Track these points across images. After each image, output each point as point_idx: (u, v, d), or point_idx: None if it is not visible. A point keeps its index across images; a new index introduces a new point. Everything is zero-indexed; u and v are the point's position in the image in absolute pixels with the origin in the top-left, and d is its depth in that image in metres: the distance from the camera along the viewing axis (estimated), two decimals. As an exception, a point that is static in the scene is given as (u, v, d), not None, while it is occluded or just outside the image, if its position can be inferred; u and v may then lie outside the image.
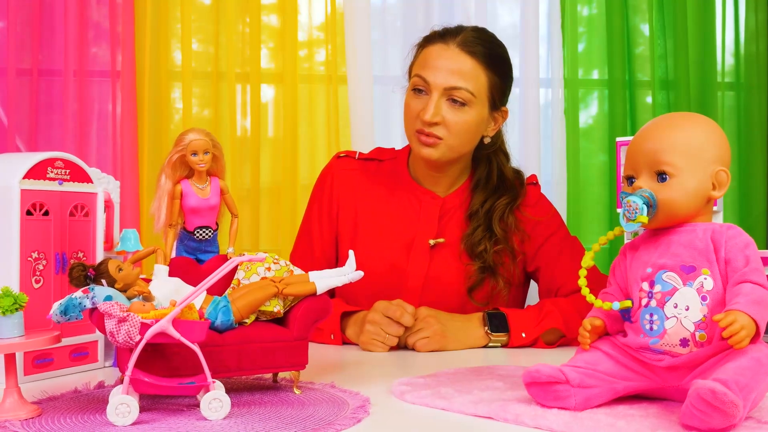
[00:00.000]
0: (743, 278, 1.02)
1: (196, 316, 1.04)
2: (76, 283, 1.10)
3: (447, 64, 1.76)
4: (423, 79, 1.77)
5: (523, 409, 1.02)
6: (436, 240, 1.83)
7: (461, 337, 1.69)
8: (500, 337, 1.70)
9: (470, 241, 1.82)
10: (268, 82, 2.87)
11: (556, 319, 1.70)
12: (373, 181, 1.92)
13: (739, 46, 3.06)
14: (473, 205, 1.86)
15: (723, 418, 0.91)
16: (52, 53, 2.73)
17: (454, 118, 1.75)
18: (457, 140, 1.78)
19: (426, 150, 1.77)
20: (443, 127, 1.75)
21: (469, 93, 1.75)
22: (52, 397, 1.14)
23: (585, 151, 3.00)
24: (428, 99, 1.75)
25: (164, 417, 1.02)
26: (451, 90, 1.74)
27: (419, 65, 1.81)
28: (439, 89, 1.74)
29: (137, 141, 2.69)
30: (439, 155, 1.78)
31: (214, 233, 1.24)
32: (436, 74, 1.75)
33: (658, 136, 1.10)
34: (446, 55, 1.77)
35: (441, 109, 1.75)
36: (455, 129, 1.76)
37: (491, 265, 1.80)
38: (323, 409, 1.06)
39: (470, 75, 1.77)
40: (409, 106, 1.80)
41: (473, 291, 1.81)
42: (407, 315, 1.63)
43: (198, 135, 1.19)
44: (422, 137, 1.77)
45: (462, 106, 1.76)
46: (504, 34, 3.07)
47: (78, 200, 1.37)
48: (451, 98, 1.75)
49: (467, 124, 1.77)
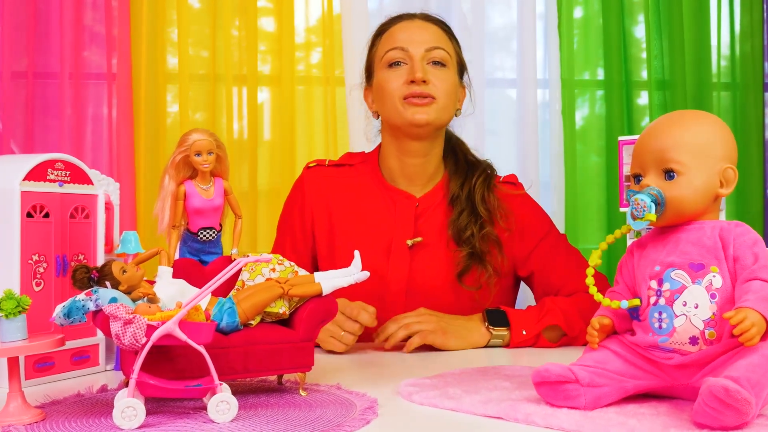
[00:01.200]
0: (752, 275, 1.01)
1: (203, 318, 1.03)
2: (79, 285, 1.08)
3: (419, 32, 1.81)
4: (399, 49, 1.79)
5: (534, 409, 1.01)
6: (414, 240, 1.82)
7: (463, 333, 1.68)
8: (501, 332, 1.69)
9: (456, 226, 1.82)
10: (264, 85, 2.86)
11: (557, 317, 1.69)
12: (345, 187, 1.90)
13: (734, 45, 3.06)
14: (453, 191, 1.86)
15: (736, 416, 0.90)
16: (47, 56, 2.71)
17: (439, 77, 1.79)
18: (445, 100, 1.79)
19: (419, 114, 1.77)
20: (433, 86, 1.77)
21: (446, 53, 1.81)
22: (55, 401, 1.12)
23: (582, 153, 3.00)
24: (410, 65, 1.78)
25: (171, 420, 1.01)
26: (432, 50, 1.79)
27: (388, 43, 1.82)
28: (420, 52, 1.78)
29: (133, 144, 2.68)
30: (433, 117, 1.78)
31: (218, 234, 1.23)
32: (413, 40, 1.79)
33: (666, 133, 1.09)
34: (414, 25, 1.83)
35: (427, 71, 1.77)
36: (442, 87, 1.79)
37: (479, 252, 1.79)
38: (331, 410, 1.05)
39: (442, 39, 1.83)
40: (388, 80, 1.80)
41: (462, 276, 1.80)
42: (365, 313, 1.61)
43: (202, 135, 1.18)
44: (414, 100, 1.77)
45: (443, 66, 1.80)
46: (500, 34, 3.08)
47: (78, 202, 1.36)
48: (432, 60, 1.79)
49: (451, 83, 1.81)
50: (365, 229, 1.85)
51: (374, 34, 1.90)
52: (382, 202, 1.87)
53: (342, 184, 1.91)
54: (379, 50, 1.85)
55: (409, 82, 1.76)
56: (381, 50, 1.84)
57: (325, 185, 1.91)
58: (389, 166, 1.89)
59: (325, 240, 1.88)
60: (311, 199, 1.90)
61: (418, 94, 1.76)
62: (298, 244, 1.90)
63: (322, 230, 1.88)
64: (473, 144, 2.82)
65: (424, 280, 1.81)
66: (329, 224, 1.88)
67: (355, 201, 1.88)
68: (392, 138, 1.87)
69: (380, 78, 1.83)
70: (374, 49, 1.88)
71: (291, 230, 1.91)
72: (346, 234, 1.86)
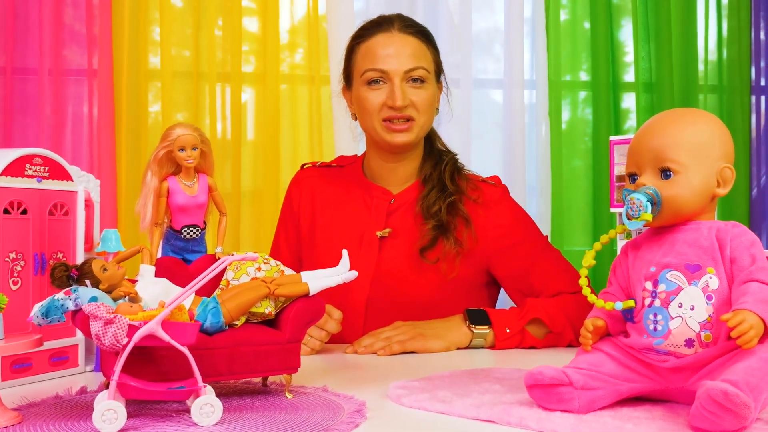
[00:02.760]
0: (750, 277, 0.99)
1: (187, 318, 1.00)
2: (58, 283, 1.05)
3: (398, 49, 1.80)
4: (379, 71, 1.79)
5: (527, 413, 0.98)
6: (383, 232, 1.83)
7: (443, 334, 1.66)
8: (483, 330, 1.67)
9: (425, 202, 1.83)
10: (248, 83, 2.83)
11: (539, 311, 1.68)
12: (330, 185, 1.95)
13: (721, 49, 3.07)
14: (425, 171, 1.89)
15: (735, 420, 0.88)
16: (26, 52, 2.67)
17: (419, 97, 1.80)
18: (425, 117, 1.82)
19: (400, 137, 1.80)
20: (413, 108, 1.79)
21: (424, 70, 1.82)
22: (32, 404, 1.09)
23: (568, 155, 2.99)
24: (390, 87, 1.79)
25: (153, 423, 0.97)
26: (411, 71, 1.79)
27: (367, 59, 1.82)
28: (400, 74, 1.78)
29: (114, 141, 2.64)
30: (414, 137, 1.82)
31: (202, 232, 1.20)
32: (392, 61, 1.79)
33: (663, 132, 1.07)
34: (393, 41, 1.81)
35: (407, 92, 1.78)
36: (422, 107, 1.81)
37: (444, 224, 1.80)
38: (318, 414, 1.02)
39: (420, 53, 1.83)
40: (368, 100, 1.81)
41: (425, 251, 1.80)
42: (332, 322, 1.61)
43: (186, 130, 1.15)
44: (394, 126, 1.80)
45: (422, 83, 1.81)
46: (488, 35, 3.06)
47: (57, 199, 1.33)
48: (411, 79, 1.80)
49: (430, 99, 1.83)
50: (343, 222, 1.89)
51: (352, 40, 1.90)
52: (360, 198, 1.91)
53: (328, 184, 1.96)
54: (358, 64, 1.85)
55: (388, 106, 1.79)
56: (359, 65, 1.84)
57: (313, 184, 1.97)
58: (371, 166, 1.94)
59: (308, 235, 1.93)
60: (299, 197, 1.96)
61: (398, 117, 1.79)
62: (291, 240, 1.97)
63: (306, 226, 1.94)
64: (460, 146, 2.83)
65: (390, 267, 1.82)
66: (312, 220, 1.93)
67: (337, 198, 1.93)
68: (373, 145, 1.91)
69: (360, 94, 1.84)
70: (353, 59, 1.88)
71: (285, 228, 1.99)
72: (325, 228, 1.91)
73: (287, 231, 1.98)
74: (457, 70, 2.88)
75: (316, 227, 1.92)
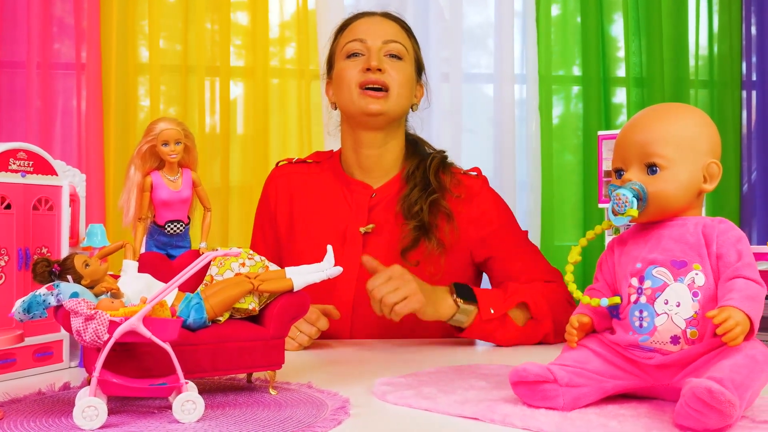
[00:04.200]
0: (736, 273, 0.99)
1: (168, 314, 0.99)
2: (40, 279, 1.04)
3: (378, 26, 1.87)
4: (358, 41, 1.84)
5: (511, 410, 0.98)
6: (366, 228, 1.83)
7: (434, 299, 1.61)
8: (469, 307, 1.62)
9: (407, 202, 1.83)
10: (237, 78, 2.81)
11: (524, 296, 1.67)
12: (308, 180, 1.95)
13: (713, 44, 3.07)
14: (408, 169, 1.89)
15: (719, 418, 0.87)
16: (14, 45, 2.65)
17: (394, 67, 1.83)
18: (399, 90, 1.83)
19: (373, 104, 1.81)
20: (389, 76, 1.82)
21: (402, 46, 1.86)
22: (14, 399, 1.08)
23: (559, 150, 2.98)
24: (367, 55, 1.83)
25: (134, 420, 0.96)
26: (389, 42, 1.84)
27: (349, 36, 1.88)
28: (378, 43, 1.83)
29: (103, 136, 2.63)
30: (386, 107, 1.82)
31: (186, 227, 1.18)
32: (371, 32, 1.85)
33: (650, 127, 1.07)
34: (374, 20, 1.89)
35: (383, 60, 1.82)
36: (397, 78, 1.82)
37: (426, 224, 1.79)
38: (301, 410, 1.01)
39: (399, 34, 1.88)
40: (346, 69, 1.85)
41: (407, 252, 1.79)
42: (324, 320, 1.62)
43: (169, 124, 1.14)
44: (369, 92, 1.81)
45: (399, 59, 1.84)
46: (478, 30, 3.06)
47: (42, 193, 1.31)
48: (389, 53, 1.83)
49: (406, 75, 1.85)
50: (322, 218, 1.88)
51: (336, 30, 1.96)
52: (340, 193, 1.90)
53: (305, 180, 1.96)
54: (340, 43, 1.90)
55: (365, 69, 1.81)
56: (341, 43, 1.89)
57: (289, 181, 1.96)
58: (347, 158, 1.93)
59: (286, 234, 1.92)
60: (275, 194, 1.96)
61: (373, 82, 1.80)
62: (268, 239, 1.96)
63: (284, 223, 1.93)
64: (450, 140, 2.83)
65: None
66: (290, 218, 1.93)
67: (315, 194, 1.92)
68: (349, 129, 1.91)
69: (339, 68, 1.88)
70: (335, 44, 1.94)
71: (261, 226, 1.98)
72: (305, 224, 1.90)
73: (264, 231, 1.97)
74: (447, 65, 2.88)
75: (295, 225, 1.91)
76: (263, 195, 2.00)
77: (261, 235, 1.97)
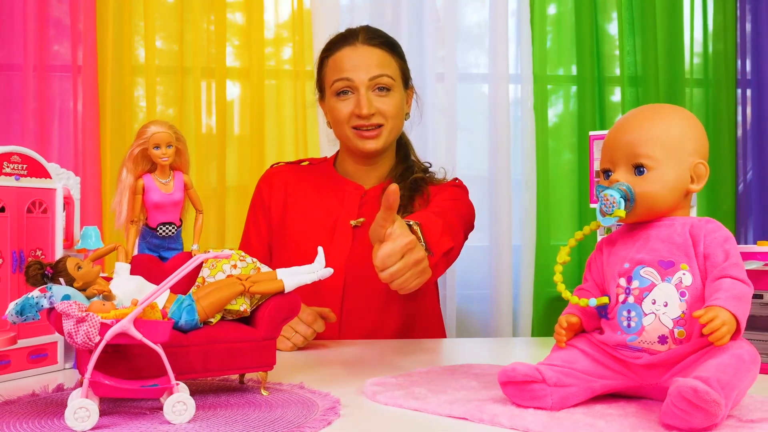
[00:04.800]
0: (723, 273, 0.99)
1: (159, 316, 0.99)
2: (32, 282, 1.05)
3: (362, 60, 1.87)
4: (345, 80, 1.86)
5: (500, 410, 0.98)
6: (357, 221, 1.88)
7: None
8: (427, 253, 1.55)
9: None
10: (233, 79, 2.82)
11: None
12: (301, 180, 2.00)
13: (707, 42, 3.06)
14: (396, 171, 1.95)
15: (705, 417, 0.88)
16: (10, 48, 2.66)
17: (385, 104, 1.87)
18: (393, 122, 1.89)
19: (370, 143, 1.87)
20: (380, 115, 1.86)
21: (389, 78, 1.88)
22: (8, 401, 1.08)
23: (554, 149, 2.98)
24: (356, 96, 1.85)
25: (126, 421, 0.97)
26: (375, 79, 1.86)
27: (334, 72, 1.90)
28: (364, 83, 1.85)
29: (99, 138, 2.63)
30: (383, 143, 1.88)
31: (178, 230, 1.19)
32: (357, 71, 1.86)
33: (636, 128, 1.07)
34: (357, 53, 1.89)
35: (373, 101, 1.84)
36: (390, 113, 1.87)
37: (405, 204, 1.84)
38: (292, 411, 1.02)
39: (385, 62, 1.89)
40: (338, 109, 1.89)
41: None
42: (320, 322, 1.64)
43: (160, 128, 1.14)
44: (363, 132, 1.87)
45: (388, 91, 1.88)
46: (472, 30, 3.06)
47: (36, 196, 1.32)
48: (377, 87, 1.86)
49: (397, 106, 1.89)
50: (314, 213, 1.93)
51: (321, 55, 1.98)
52: (332, 191, 1.96)
53: (299, 179, 2.01)
54: (327, 76, 1.93)
55: (356, 115, 1.86)
56: (329, 77, 1.92)
57: (285, 178, 2.01)
58: (344, 166, 2.01)
59: (279, 228, 1.97)
60: (269, 192, 2.01)
61: (366, 126, 1.86)
62: (262, 231, 2.00)
63: (277, 218, 1.98)
64: (445, 140, 2.83)
65: (364, 254, 1.80)
66: (284, 213, 1.97)
67: (309, 191, 1.98)
68: (347, 150, 1.97)
69: (330, 105, 1.92)
70: (323, 72, 1.96)
71: (255, 220, 2.02)
72: (297, 219, 1.95)
73: (258, 224, 2.01)
74: (442, 65, 2.88)
75: (288, 219, 1.96)
76: (257, 190, 2.04)
77: (255, 229, 2.01)
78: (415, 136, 2.44)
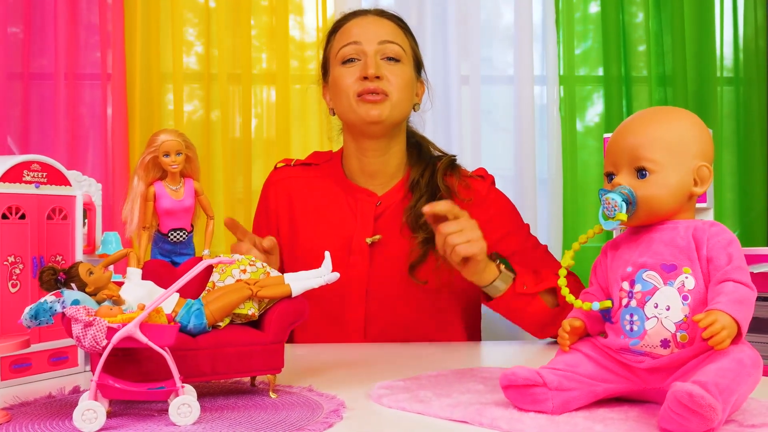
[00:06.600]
0: (726, 277, 0.99)
1: (164, 320, 1.02)
2: (46, 287, 1.08)
3: (372, 27, 1.80)
4: (353, 44, 1.78)
5: (500, 413, 0.99)
6: (373, 238, 1.80)
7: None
8: (509, 273, 1.62)
9: (414, 213, 1.79)
10: (260, 84, 2.85)
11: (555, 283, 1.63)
12: (309, 186, 1.91)
13: (738, 41, 3.02)
14: (413, 177, 1.84)
15: (701, 422, 0.87)
16: (43, 57, 2.72)
17: (392, 72, 1.78)
18: (399, 95, 1.78)
19: (373, 110, 1.76)
20: (387, 82, 1.76)
21: (400, 47, 1.80)
22: (24, 403, 1.11)
23: (582, 150, 2.97)
24: (363, 61, 1.77)
25: (132, 423, 1.00)
26: (385, 44, 1.78)
27: (343, 39, 1.81)
28: (373, 46, 1.77)
29: (128, 144, 2.68)
30: (387, 113, 1.77)
31: (189, 235, 1.22)
32: (366, 35, 1.78)
33: (638, 130, 1.07)
34: (367, 21, 1.82)
35: (380, 65, 1.76)
36: (396, 83, 1.77)
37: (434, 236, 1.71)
38: (296, 413, 1.04)
39: (395, 33, 1.82)
40: (342, 77, 1.79)
41: (415, 268, 1.76)
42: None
43: (170, 136, 1.17)
44: (367, 97, 1.76)
45: (396, 62, 1.79)
46: (498, 31, 3.06)
47: (56, 203, 1.36)
48: (386, 56, 1.78)
49: (405, 78, 1.80)
50: (326, 227, 1.85)
51: (329, 32, 1.91)
52: (344, 200, 1.87)
53: (305, 184, 1.92)
54: (334, 47, 1.84)
55: (362, 78, 1.76)
56: (336, 47, 1.84)
57: (288, 185, 1.93)
58: (350, 164, 1.90)
59: (287, 239, 1.89)
60: (275, 199, 1.92)
61: (371, 90, 1.76)
62: None
63: (284, 229, 1.89)
64: (470, 142, 2.83)
65: (384, 278, 1.79)
66: (291, 223, 1.89)
67: (317, 199, 1.89)
68: (351, 137, 1.88)
69: (335, 75, 1.82)
70: (329, 47, 1.88)
71: (258, 230, 1.94)
72: (308, 232, 1.86)
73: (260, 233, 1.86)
74: (467, 66, 2.88)
75: (297, 232, 1.88)
76: (262, 200, 1.98)
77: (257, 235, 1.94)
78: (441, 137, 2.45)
